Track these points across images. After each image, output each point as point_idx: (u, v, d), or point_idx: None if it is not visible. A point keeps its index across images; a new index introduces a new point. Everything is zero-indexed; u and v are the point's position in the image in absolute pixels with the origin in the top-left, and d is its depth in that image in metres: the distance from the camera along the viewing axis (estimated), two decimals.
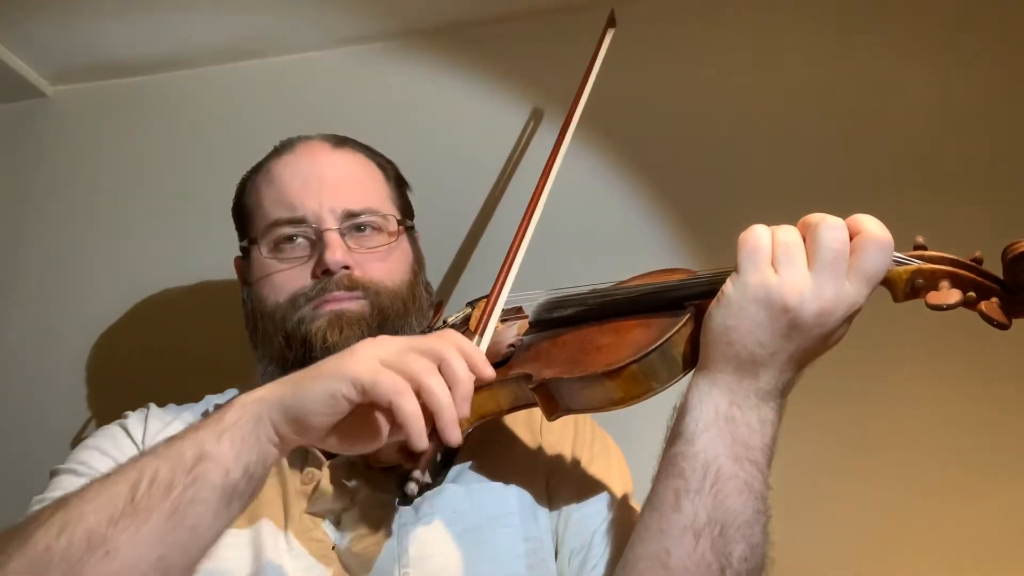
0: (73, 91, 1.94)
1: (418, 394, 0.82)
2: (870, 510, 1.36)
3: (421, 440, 0.80)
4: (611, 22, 1.37)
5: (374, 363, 0.82)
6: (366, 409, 0.84)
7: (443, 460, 1.12)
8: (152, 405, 1.24)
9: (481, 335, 1.03)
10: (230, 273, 1.38)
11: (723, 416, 0.90)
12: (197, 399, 1.27)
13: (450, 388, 0.83)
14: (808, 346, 0.89)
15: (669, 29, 1.69)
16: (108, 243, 1.82)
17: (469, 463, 1.13)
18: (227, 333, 1.53)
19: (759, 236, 0.89)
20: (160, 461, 0.81)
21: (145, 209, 1.83)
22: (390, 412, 0.82)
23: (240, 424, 0.83)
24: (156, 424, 1.19)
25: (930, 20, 1.57)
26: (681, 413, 0.93)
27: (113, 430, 1.18)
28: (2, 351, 1.80)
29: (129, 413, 1.23)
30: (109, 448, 1.13)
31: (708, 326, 0.91)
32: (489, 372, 0.89)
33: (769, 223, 0.93)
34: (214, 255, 1.68)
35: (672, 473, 0.91)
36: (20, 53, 1.84)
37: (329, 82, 1.83)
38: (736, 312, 0.88)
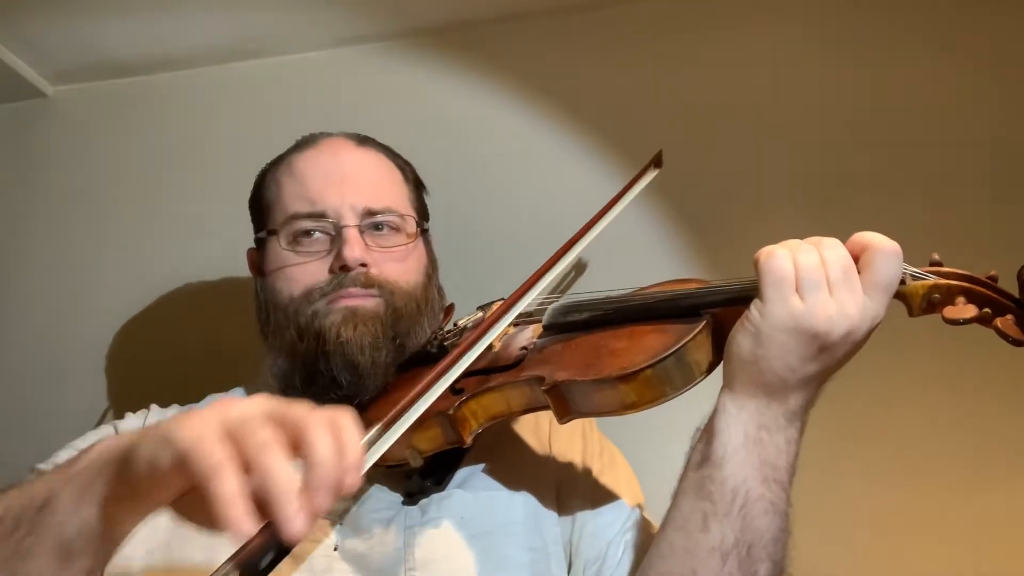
0: (73, 91, 1.93)
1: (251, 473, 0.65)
2: (874, 508, 1.37)
3: (237, 529, 0.62)
4: (658, 163, 1.37)
5: (210, 428, 0.66)
6: None
7: (450, 462, 1.12)
8: (154, 406, 1.24)
9: (388, 426, 0.87)
10: (232, 271, 1.38)
11: (752, 439, 0.90)
12: (204, 397, 1.26)
13: (308, 470, 0.66)
14: (834, 364, 0.90)
15: (672, 32, 1.69)
16: (109, 243, 1.81)
17: (477, 466, 1.14)
18: (229, 330, 1.54)
19: (782, 265, 0.88)
20: (22, 495, 0.75)
21: (146, 209, 1.82)
22: None
23: (86, 472, 0.74)
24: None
25: (937, 22, 1.57)
26: (709, 437, 0.93)
27: (103, 432, 1.17)
28: (2, 351, 1.79)
29: (129, 414, 1.23)
30: None
31: (734, 351, 0.91)
32: (351, 478, 0.67)
33: (775, 228, 0.94)
34: (215, 254, 1.69)
35: (700, 496, 0.92)
36: (20, 53, 1.83)
37: (329, 82, 1.83)
38: (765, 341, 0.88)
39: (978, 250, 1.00)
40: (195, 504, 0.69)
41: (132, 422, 1.20)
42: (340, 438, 0.68)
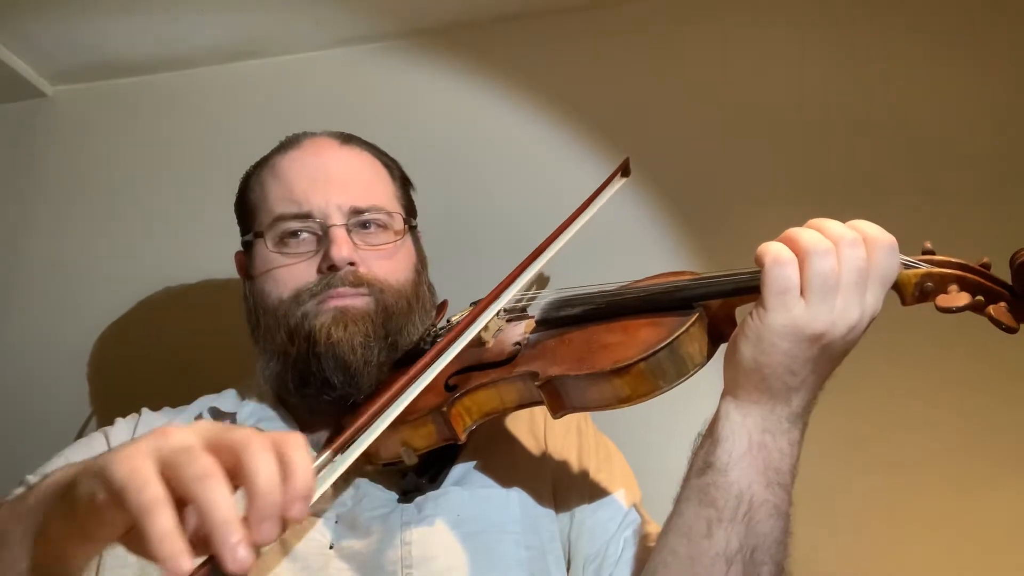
0: (73, 91, 1.94)
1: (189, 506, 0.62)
2: (872, 505, 1.37)
3: (173, 567, 0.58)
4: (625, 171, 1.36)
5: (145, 460, 0.63)
6: None
7: (444, 459, 1.11)
8: (145, 410, 1.23)
9: (340, 450, 0.86)
10: (230, 272, 1.37)
11: (756, 444, 0.90)
12: (195, 398, 1.26)
13: (249, 499, 0.62)
14: (836, 361, 0.89)
15: (669, 31, 1.70)
16: (108, 242, 1.82)
17: (473, 463, 1.13)
18: (227, 332, 1.53)
19: (788, 275, 0.85)
20: None
21: (145, 208, 1.83)
22: None
23: (32, 510, 0.72)
24: (146, 430, 1.18)
25: (936, 20, 1.58)
26: (712, 443, 0.92)
27: (94, 439, 1.17)
28: (1, 350, 1.79)
29: (119, 420, 1.21)
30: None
31: (736, 359, 0.90)
32: (298, 508, 0.63)
33: (767, 220, 0.93)
34: (214, 254, 1.68)
35: (704, 503, 0.91)
36: (20, 53, 1.84)
37: (329, 82, 1.83)
38: (767, 348, 0.86)
39: (970, 238, 0.99)
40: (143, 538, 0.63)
41: (121, 429, 1.19)
42: (286, 464, 0.64)
